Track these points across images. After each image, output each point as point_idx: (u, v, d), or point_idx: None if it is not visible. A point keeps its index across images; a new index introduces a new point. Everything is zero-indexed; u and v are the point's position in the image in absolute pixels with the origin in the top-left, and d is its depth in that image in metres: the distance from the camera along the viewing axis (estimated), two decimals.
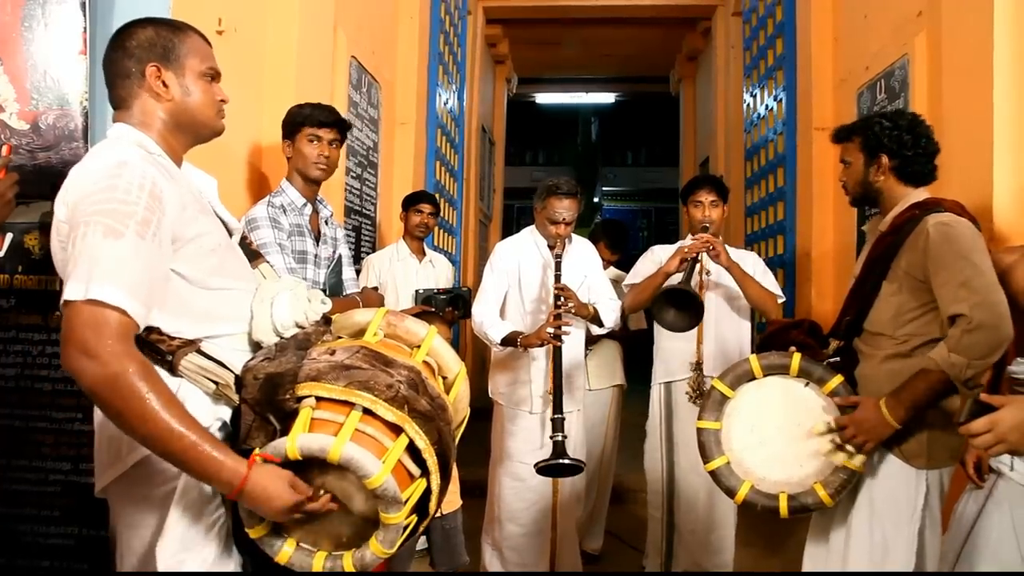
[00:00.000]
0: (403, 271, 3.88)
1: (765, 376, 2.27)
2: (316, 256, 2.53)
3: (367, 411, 1.39)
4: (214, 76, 1.59)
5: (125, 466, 1.39)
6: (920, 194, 2.18)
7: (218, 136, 1.63)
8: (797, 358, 2.23)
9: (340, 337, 1.62)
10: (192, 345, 1.42)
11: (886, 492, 2.09)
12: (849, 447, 2.09)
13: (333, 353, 1.46)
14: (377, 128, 4.39)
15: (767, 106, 5.04)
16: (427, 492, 1.43)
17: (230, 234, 1.63)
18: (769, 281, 3.25)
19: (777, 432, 2.24)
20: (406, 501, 1.36)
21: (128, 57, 1.51)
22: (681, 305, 2.86)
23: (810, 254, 4.24)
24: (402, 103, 4.71)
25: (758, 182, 5.25)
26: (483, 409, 3.53)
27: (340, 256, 2.67)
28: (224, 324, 1.49)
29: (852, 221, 3.83)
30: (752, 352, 2.43)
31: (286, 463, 1.34)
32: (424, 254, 3.99)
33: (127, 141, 1.47)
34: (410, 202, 3.93)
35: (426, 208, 3.89)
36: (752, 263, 3.28)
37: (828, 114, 4.20)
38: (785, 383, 2.26)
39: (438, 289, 3.78)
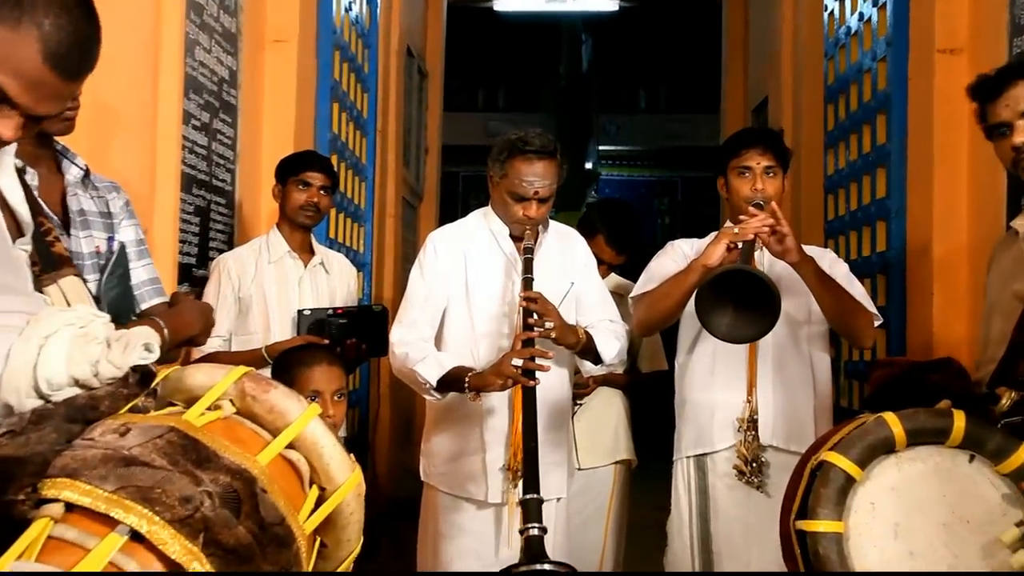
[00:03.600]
0: (278, 280, 3.86)
1: (910, 446, 2.30)
2: (69, 253, 2.31)
3: (137, 536, 1.37)
4: None
5: None
6: None
7: None
8: (961, 419, 2.26)
9: (172, 405, 1.62)
10: None
11: None
12: None
13: (124, 434, 1.46)
14: (236, 49, 4.37)
15: (862, 16, 5.13)
16: None
17: (18, 235, 1.63)
18: (857, 292, 3.28)
19: (935, 535, 2.27)
20: None
21: None
22: (742, 302, 2.88)
23: (930, 252, 4.30)
24: (277, 10, 4.72)
25: (846, 138, 5.34)
26: (410, 501, 3.51)
27: (123, 245, 2.58)
28: None
29: (999, 202, 3.89)
30: (839, 405, 2.45)
31: None
32: (312, 253, 3.99)
33: None
34: (290, 169, 3.91)
35: (316, 178, 3.88)
36: (829, 264, 3.31)
37: (960, 27, 4.24)
38: (942, 458, 2.29)
39: (334, 308, 3.76)
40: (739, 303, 2.86)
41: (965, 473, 2.29)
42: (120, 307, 2.48)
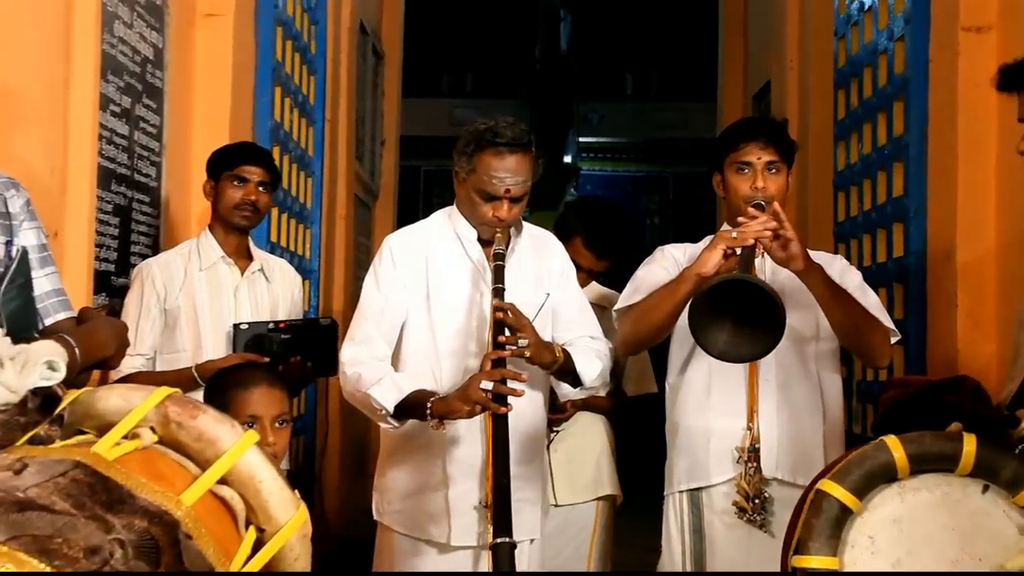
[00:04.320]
0: (210, 289, 3.85)
1: (915, 474, 2.33)
2: None
3: None
4: None
5: None
6: None
7: None
8: (971, 444, 2.29)
9: (82, 433, 1.59)
10: None
11: None
12: None
13: (20, 471, 1.44)
14: (162, 24, 4.34)
15: None
16: None
17: None
18: (871, 303, 3.30)
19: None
20: None
21: None
22: (742, 315, 2.87)
23: (954, 258, 4.31)
24: None
25: (858, 128, 5.36)
26: (363, 542, 3.48)
27: (24, 251, 2.55)
28: None
29: None
30: (855, 431, 2.46)
31: None
32: (250, 258, 3.97)
33: None
34: (225, 162, 3.90)
35: (255, 173, 3.87)
36: (839, 272, 3.33)
37: (989, 2, 4.25)
38: (951, 487, 2.33)
39: (276, 322, 3.74)
40: (738, 317, 2.86)
41: (977, 505, 2.32)
42: (20, 322, 2.44)
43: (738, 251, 3.04)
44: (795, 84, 6.59)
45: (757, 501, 3.20)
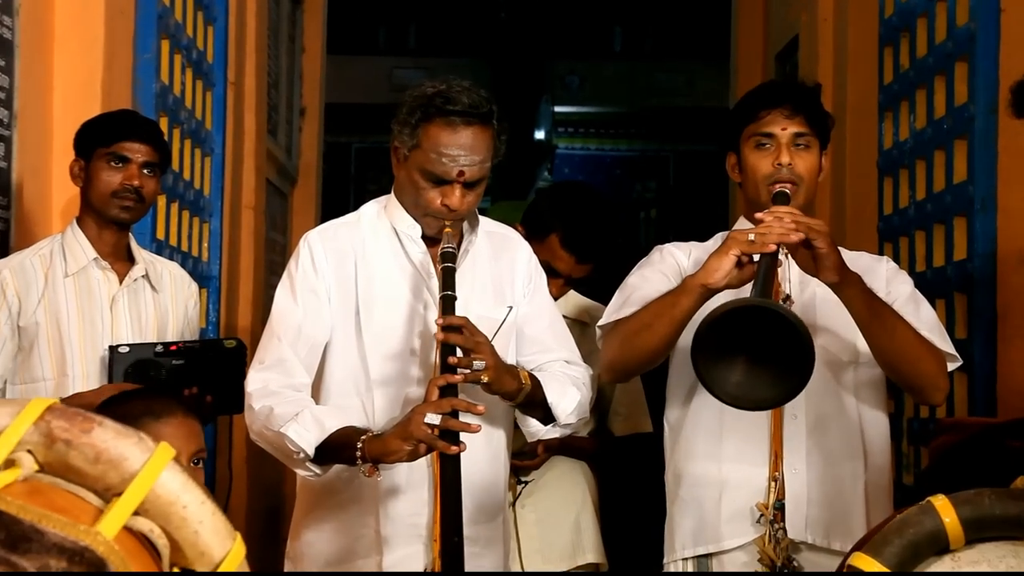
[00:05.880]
0: (80, 301, 3.84)
1: (972, 543, 2.33)
2: None
3: None
4: None
5: None
6: None
7: None
8: None
9: None
10: None
11: None
12: None
13: None
14: None
15: None
16: None
17: None
18: (926, 320, 3.31)
19: None
20: None
21: None
22: (759, 350, 2.86)
23: None
24: None
25: (910, 96, 5.40)
26: None
27: None
28: None
29: None
30: (907, 482, 2.48)
31: None
32: (132, 261, 3.98)
33: None
34: (99, 137, 3.89)
35: (137, 151, 3.86)
36: (886, 280, 3.36)
37: None
38: (1018, 560, 2.32)
39: (164, 344, 3.75)
40: (754, 351, 2.86)
41: None
42: None
43: (755, 258, 3.05)
44: (829, 40, 6.61)
45: (785, 573, 3.21)
